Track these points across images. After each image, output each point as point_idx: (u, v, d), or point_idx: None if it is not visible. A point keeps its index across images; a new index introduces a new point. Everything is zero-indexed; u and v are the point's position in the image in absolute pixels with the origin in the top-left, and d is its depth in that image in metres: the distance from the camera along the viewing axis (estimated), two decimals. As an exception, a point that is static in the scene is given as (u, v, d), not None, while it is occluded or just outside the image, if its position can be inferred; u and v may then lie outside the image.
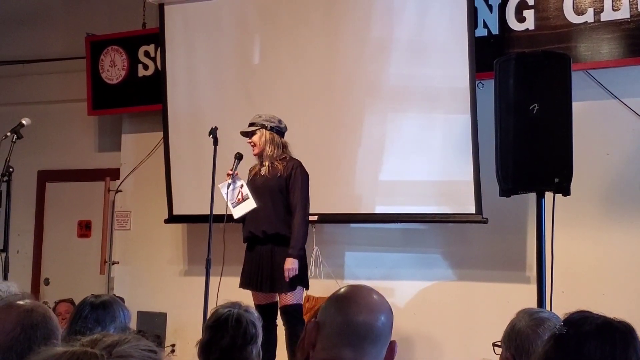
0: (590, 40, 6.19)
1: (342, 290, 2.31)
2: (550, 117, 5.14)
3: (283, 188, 5.77)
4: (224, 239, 5.71)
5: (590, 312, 2.21)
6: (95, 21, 8.59)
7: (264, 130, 5.81)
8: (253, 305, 5.45)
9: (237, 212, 5.77)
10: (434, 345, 6.72)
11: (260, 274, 5.71)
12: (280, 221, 5.74)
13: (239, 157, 5.90)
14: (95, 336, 1.53)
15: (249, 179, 5.92)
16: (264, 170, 5.84)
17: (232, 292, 5.37)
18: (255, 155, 5.86)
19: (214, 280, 5.72)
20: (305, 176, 5.82)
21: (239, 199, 5.77)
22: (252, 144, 5.83)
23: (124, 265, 8.25)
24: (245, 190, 5.77)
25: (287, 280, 5.59)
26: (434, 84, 6.49)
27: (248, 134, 5.86)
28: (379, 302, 2.24)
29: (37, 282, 8.83)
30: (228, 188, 5.80)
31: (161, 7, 7.58)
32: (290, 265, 5.59)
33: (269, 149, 5.80)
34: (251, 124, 5.86)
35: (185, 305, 7.39)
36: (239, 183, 5.80)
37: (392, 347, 2.23)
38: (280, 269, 5.63)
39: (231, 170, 5.83)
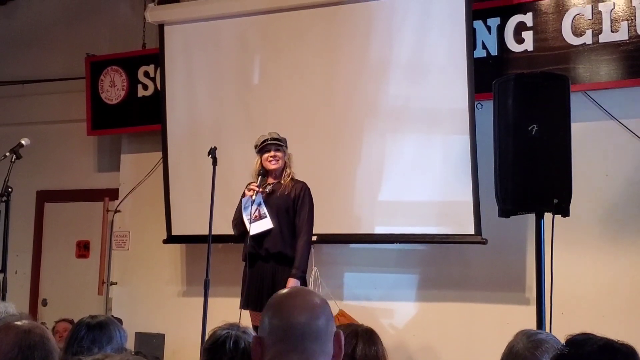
0: (588, 61, 6.21)
1: (273, 297, 2.29)
2: (549, 137, 5.14)
3: (290, 208, 5.74)
4: (247, 257, 5.66)
5: (593, 335, 2.21)
6: (95, 41, 8.62)
7: (286, 150, 5.83)
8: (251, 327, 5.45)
9: (253, 229, 5.73)
10: (433, 366, 6.70)
11: (261, 293, 5.65)
12: (284, 241, 5.71)
13: (263, 174, 5.85)
14: (97, 356, 1.53)
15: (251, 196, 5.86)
16: (269, 188, 5.81)
17: (231, 313, 5.35)
18: (272, 169, 5.81)
19: (212, 301, 5.69)
20: (312, 201, 5.84)
21: (255, 216, 5.73)
22: (277, 158, 5.80)
23: (122, 285, 8.23)
24: (263, 209, 5.73)
25: None
26: (433, 104, 6.50)
27: (272, 147, 5.81)
28: (312, 300, 2.23)
29: (35, 302, 8.81)
30: (252, 204, 5.75)
31: (161, 27, 7.60)
32: (291, 285, 5.57)
33: (289, 169, 5.83)
34: (278, 139, 5.81)
35: (184, 327, 7.36)
36: (258, 200, 5.77)
37: (338, 337, 2.20)
38: (281, 288, 5.59)
39: (256, 185, 5.78)
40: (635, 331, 5.61)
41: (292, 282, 5.58)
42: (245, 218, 5.72)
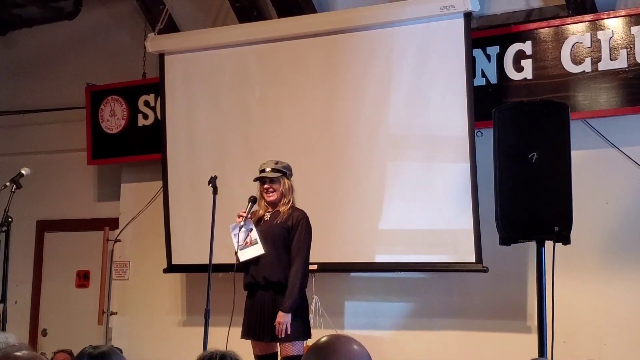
0: (588, 89, 6.22)
1: (322, 339, 2.28)
2: (549, 165, 5.15)
3: (287, 237, 5.69)
4: (234, 285, 5.63)
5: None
6: (95, 71, 8.63)
7: (284, 178, 5.76)
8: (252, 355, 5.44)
9: (243, 256, 5.69)
10: (435, 396, 6.66)
11: (262, 323, 5.61)
12: (283, 269, 5.63)
13: (253, 200, 5.78)
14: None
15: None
16: (267, 216, 5.79)
17: (232, 342, 5.33)
18: (269, 201, 5.77)
19: (212, 331, 5.66)
20: (309, 229, 5.74)
21: (246, 243, 5.69)
22: (271, 189, 5.73)
23: (123, 315, 8.19)
24: (255, 235, 5.68)
25: (281, 335, 5.49)
26: (433, 132, 6.51)
27: (266, 180, 5.77)
28: (358, 350, 2.22)
29: (34, 333, 8.76)
30: (239, 230, 5.71)
31: (161, 57, 7.63)
32: (281, 319, 5.46)
33: (288, 198, 5.75)
34: (274, 170, 5.75)
35: (184, 357, 7.29)
36: (249, 226, 5.72)
37: None
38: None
39: (244, 212, 5.73)
40: (637, 359, 5.60)
41: (281, 317, 5.48)
42: (235, 244, 5.69)
